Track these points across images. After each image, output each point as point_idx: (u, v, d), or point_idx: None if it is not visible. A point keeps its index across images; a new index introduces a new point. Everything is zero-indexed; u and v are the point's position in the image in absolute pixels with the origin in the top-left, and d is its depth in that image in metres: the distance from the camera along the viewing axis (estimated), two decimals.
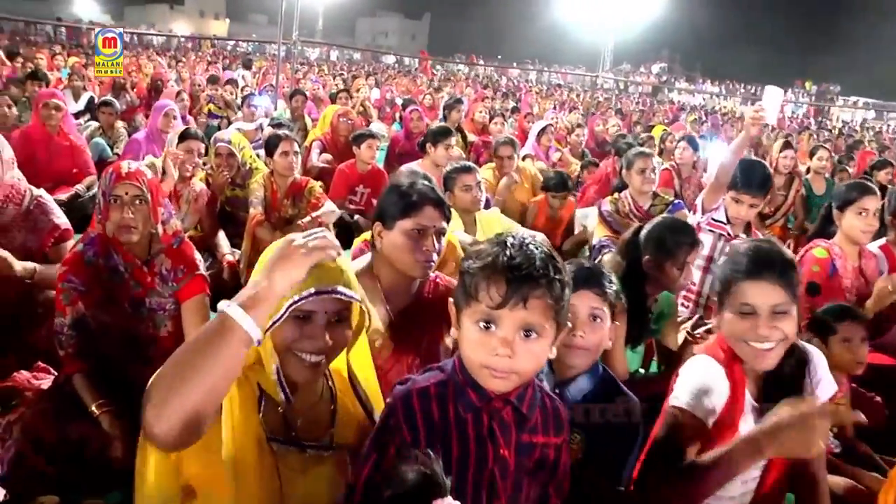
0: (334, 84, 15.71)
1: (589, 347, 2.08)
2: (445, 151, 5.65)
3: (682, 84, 40.26)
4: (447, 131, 5.75)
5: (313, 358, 1.68)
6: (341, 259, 1.66)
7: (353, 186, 6.40)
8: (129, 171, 2.79)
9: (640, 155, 4.77)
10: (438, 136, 5.70)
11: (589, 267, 2.27)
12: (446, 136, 5.66)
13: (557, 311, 1.50)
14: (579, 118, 11.42)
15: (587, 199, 6.42)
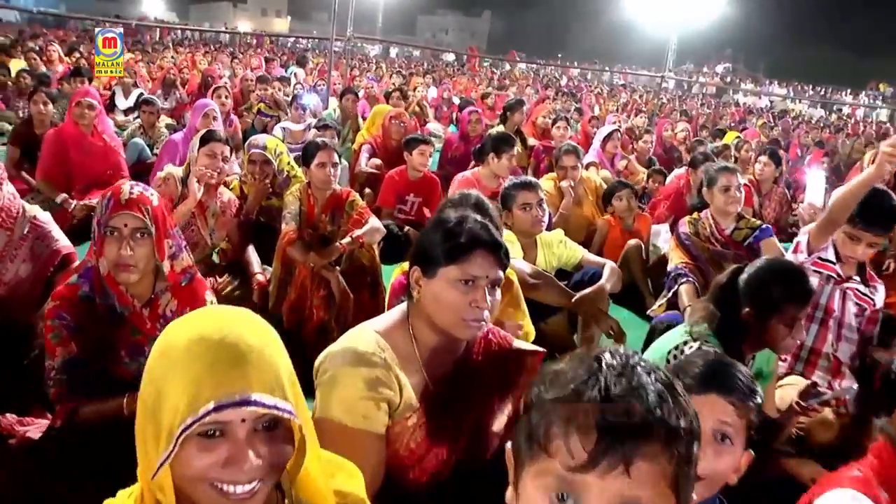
0: (391, 82, 15.27)
1: (708, 476, 1.55)
2: (508, 163, 5.18)
3: (749, 85, 38.99)
4: (509, 140, 5.28)
5: (240, 489, 1.14)
6: (267, 341, 1.18)
7: (403, 195, 5.95)
8: (129, 198, 2.31)
9: (723, 171, 4.20)
10: (501, 144, 5.24)
11: (721, 361, 1.74)
12: (509, 147, 5.20)
13: (679, 478, 0.93)
14: (644, 122, 10.79)
15: (658, 215, 5.86)
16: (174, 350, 1.14)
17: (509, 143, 5.24)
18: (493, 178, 5.30)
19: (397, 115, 6.80)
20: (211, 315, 1.22)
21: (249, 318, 1.21)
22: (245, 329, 1.16)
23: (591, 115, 9.97)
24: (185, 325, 1.19)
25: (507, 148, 5.21)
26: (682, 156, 9.37)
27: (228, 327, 1.15)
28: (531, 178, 3.94)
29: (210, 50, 20.27)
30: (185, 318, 1.22)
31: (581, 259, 3.81)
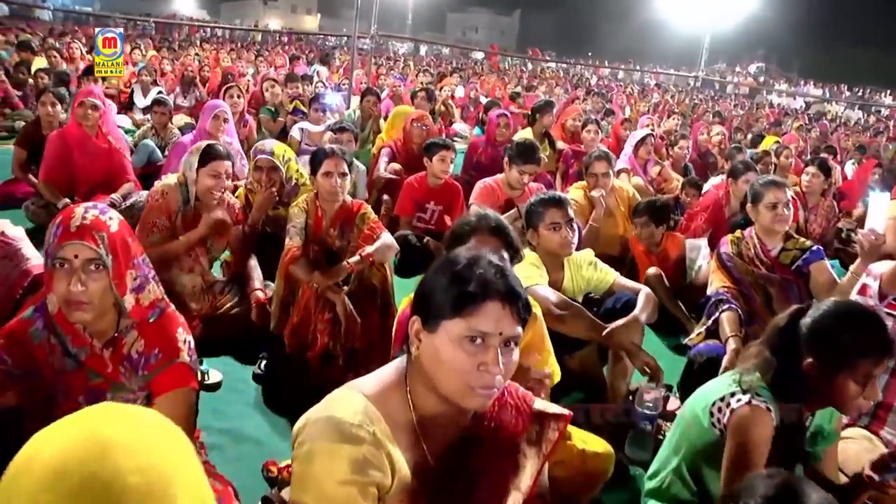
0: (418, 81, 14.90)
1: None
2: (520, 176, 4.89)
3: (783, 86, 38.19)
4: (525, 154, 4.97)
5: None
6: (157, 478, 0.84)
7: (423, 203, 5.63)
8: (81, 225, 1.95)
9: (770, 186, 3.81)
10: (515, 157, 4.99)
11: (790, 486, 1.49)
12: (521, 161, 4.94)
13: None
14: (678, 124, 10.35)
15: (695, 228, 5.46)
16: (24, 478, 0.80)
17: (523, 158, 4.94)
18: (516, 185, 4.98)
19: (419, 117, 6.46)
20: (88, 429, 0.86)
21: (142, 438, 0.87)
22: (128, 459, 0.82)
23: (622, 116, 9.56)
24: (50, 441, 0.84)
25: (519, 162, 4.92)
26: (717, 161, 8.95)
27: (102, 456, 0.81)
28: (560, 193, 3.56)
29: (235, 47, 20.01)
30: (57, 426, 0.87)
31: (613, 284, 3.45)
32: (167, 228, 3.84)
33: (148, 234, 3.79)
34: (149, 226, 3.83)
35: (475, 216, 2.60)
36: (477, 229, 2.51)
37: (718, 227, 5.52)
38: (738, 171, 5.45)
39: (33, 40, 14.59)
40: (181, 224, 3.88)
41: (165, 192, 3.85)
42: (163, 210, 3.84)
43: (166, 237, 3.82)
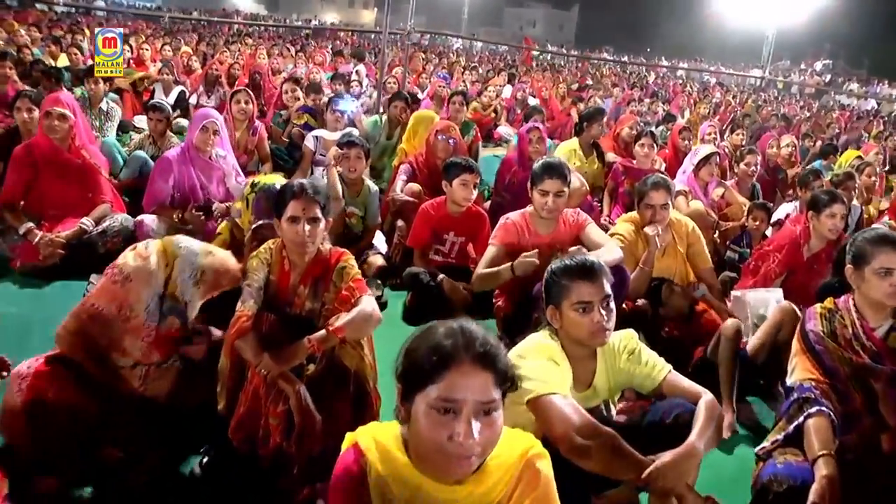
0: (464, 80, 14.04)
1: None
2: (543, 198, 4.10)
3: (853, 85, 36.26)
4: (550, 166, 4.10)
5: None
6: None
7: (441, 233, 4.81)
8: None
9: (883, 245, 2.87)
10: (535, 176, 4.15)
11: None
12: (551, 173, 4.04)
13: None
14: (743, 139, 9.25)
15: (766, 272, 4.52)
16: None
17: (544, 173, 4.09)
18: (549, 222, 4.10)
19: (444, 128, 5.59)
20: None
21: None
22: None
23: (682, 125, 8.56)
24: None
25: (538, 180, 4.11)
26: (787, 177, 7.93)
27: None
28: (594, 260, 2.59)
29: (279, 42, 19.32)
30: None
31: (663, 383, 2.56)
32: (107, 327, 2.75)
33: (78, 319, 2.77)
34: (88, 311, 2.76)
35: (448, 335, 1.69)
36: (453, 357, 1.64)
37: (796, 271, 4.58)
38: (821, 202, 4.49)
39: (65, 36, 14.13)
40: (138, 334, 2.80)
41: (129, 278, 2.77)
42: (116, 298, 2.76)
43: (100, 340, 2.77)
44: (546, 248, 4.06)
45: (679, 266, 4.46)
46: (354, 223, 5.25)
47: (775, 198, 7.58)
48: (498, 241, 4.07)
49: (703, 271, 4.52)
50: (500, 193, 5.84)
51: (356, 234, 5.27)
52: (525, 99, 11.82)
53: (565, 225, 4.19)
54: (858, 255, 2.94)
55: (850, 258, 2.99)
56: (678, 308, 4.20)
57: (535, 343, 2.50)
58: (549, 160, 4.16)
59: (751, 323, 4.21)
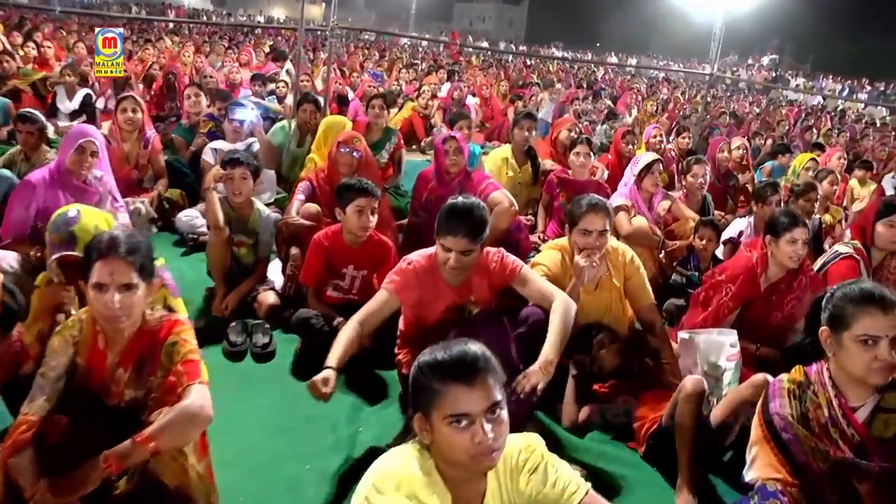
0: (398, 79, 13.23)
1: None
2: (444, 254, 3.23)
3: (800, 80, 36.15)
4: (456, 218, 3.19)
5: None
6: None
7: (338, 267, 4.06)
8: None
9: (866, 303, 2.23)
10: (438, 226, 3.25)
11: None
12: (453, 229, 3.18)
13: None
14: (690, 140, 8.62)
15: (719, 308, 3.87)
16: None
17: (445, 228, 3.19)
18: (447, 273, 3.34)
19: (347, 139, 4.79)
20: None
21: None
22: None
23: (625, 128, 7.91)
24: None
25: (441, 232, 3.23)
26: (738, 184, 7.32)
27: None
28: (472, 349, 1.83)
29: (209, 41, 18.28)
30: None
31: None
32: None
33: None
34: None
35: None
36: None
37: (752, 303, 3.94)
38: (780, 226, 3.85)
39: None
40: None
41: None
42: None
43: None
44: (454, 305, 3.35)
45: (614, 302, 3.77)
46: (244, 254, 4.50)
47: (727, 206, 6.98)
48: (392, 289, 3.28)
49: (643, 308, 3.85)
50: (417, 213, 5.12)
51: (246, 266, 4.52)
52: (462, 99, 11.06)
53: (485, 273, 3.39)
54: (837, 315, 2.28)
55: (826, 317, 2.33)
56: (611, 366, 3.53)
57: (397, 468, 1.78)
58: (454, 203, 3.24)
59: (700, 371, 3.55)
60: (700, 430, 3.01)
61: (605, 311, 3.72)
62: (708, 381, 3.49)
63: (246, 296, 4.40)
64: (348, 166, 4.71)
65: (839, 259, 4.38)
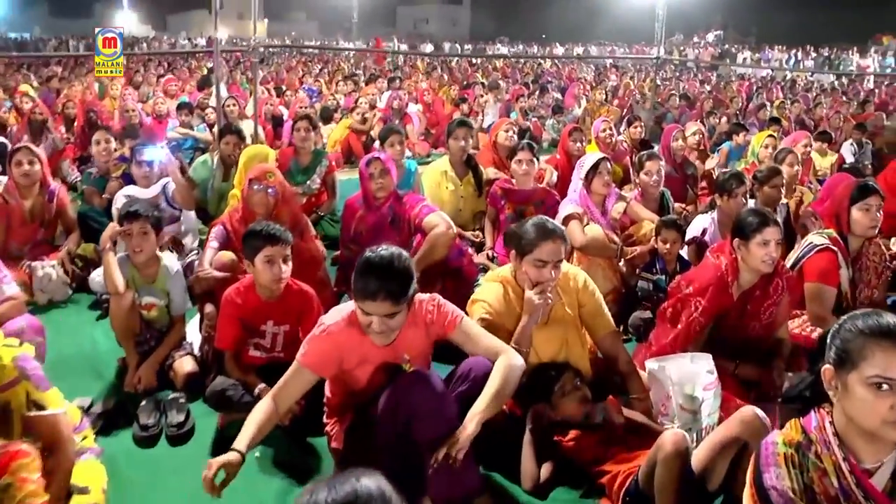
0: (333, 95, 12.66)
1: None
2: (365, 318, 2.70)
3: (747, 53, 36.10)
4: (373, 289, 2.63)
5: None
6: None
7: (256, 324, 3.55)
8: None
9: (882, 338, 1.76)
10: (354, 287, 2.72)
11: None
12: (371, 297, 2.65)
13: None
14: (643, 130, 8.22)
15: (690, 325, 3.43)
16: None
17: (361, 292, 2.66)
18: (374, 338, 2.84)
19: (259, 175, 4.23)
20: None
21: None
22: None
23: (572, 125, 7.48)
24: None
25: (358, 296, 2.71)
26: (697, 172, 6.91)
27: None
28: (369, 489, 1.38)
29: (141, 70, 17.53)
30: None
31: None
32: None
33: None
34: None
35: None
36: None
37: (725, 314, 3.50)
38: (749, 226, 3.41)
39: None
40: None
41: None
42: None
43: None
44: (386, 365, 2.87)
45: (570, 335, 3.29)
46: (155, 316, 3.96)
47: (688, 197, 6.56)
48: (305, 363, 2.76)
49: (603, 339, 3.36)
50: (347, 245, 4.61)
51: (160, 329, 3.99)
52: (402, 108, 10.55)
53: (420, 325, 2.89)
54: (844, 351, 1.81)
55: (831, 353, 1.86)
56: (576, 414, 3.06)
57: None
58: (368, 259, 2.68)
59: (675, 405, 3.10)
60: (685, 487, 2.54)
61: (559, 348, 3.24)
62: (684, 416, 3.06)
63: (161, 364, 3.87)
64: (263, 205, 4.18)
65: (815, 252, 3.97)
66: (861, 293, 4.07)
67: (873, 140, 10.69)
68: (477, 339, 2.86)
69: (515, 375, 2.75)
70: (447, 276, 4.27)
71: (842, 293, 3.97)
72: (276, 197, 4.21)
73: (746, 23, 55.02)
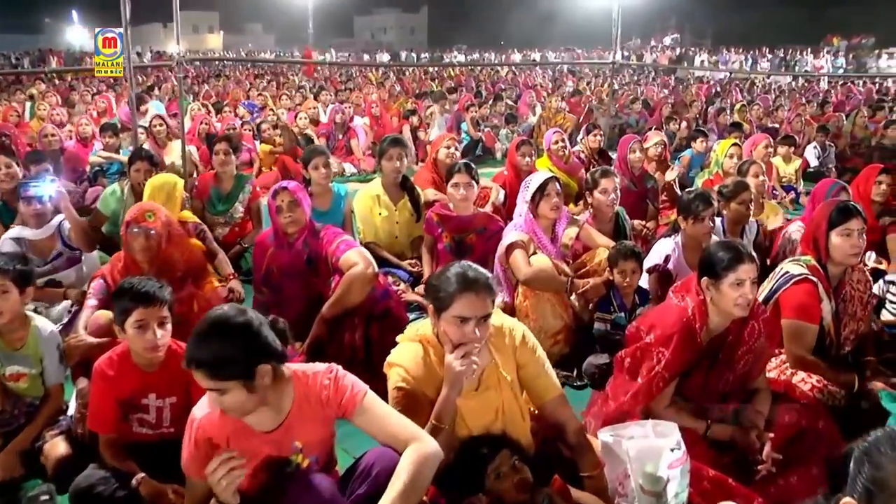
0: (272, 109, 11.88)
1: None
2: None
3: (704, 55, 35.92)
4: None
5: None
6: None
7: (136, 399, 2.94)
8: None
9: None
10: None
11: None
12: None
13: None
14: (602, 139, 7.67)
15: (651, 382, 2.89)
16: None
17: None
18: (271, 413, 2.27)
19: (136, 216, 3.56)
20: None
21: None
22: None
23: (520, 137, 6.94)
24: None
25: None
26: (657, 185, 6.39)
27: None
28: None
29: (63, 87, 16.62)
30: None
31: None
32: None
33: None
34: None
35: None
36: None
37: (692, 371, 2.97)
38: (720, 264, 2.87)
39: None
40: None
41: None
42: None
43: None
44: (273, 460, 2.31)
45: (507, 403, 2.68)
46: (25, 388, 3.29)
47: (648, 212, 6.05)
48: (186, 470, 2.24)
49: (547, 405, 2.75)
50: (260, 289, 4.01)
51: (32, 403, 3.34)
52: (345, 122, 9.94)
53: (316, 405, 2.35)
54: (876, 484, 1.26)
55: (857, 486, 1.32)
56: (517, 500, 2.47)
57: None
58: (204, 317, 2.23)
59: (634, 486, 2.54)
60: None
61: (493, 418, 2.65)
62: (646, 499, 2.51)
63: (31, 446, 3.21)
64: (144, 251, 3.56)
65: (792, 284, 3.44)
66: (846, 327, 3.54)
67: (836, 142, 10.37)
68: (382, 422, 2.30)
69: (429, 469, 2.18)
70: (372, 322, 3.67)
71: (824, 329, 3.44)
72: (159, 240, 3.59)
73: (702, 25, 55.43)
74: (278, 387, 2.29)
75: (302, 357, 3.68)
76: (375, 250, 5.08)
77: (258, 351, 2.17)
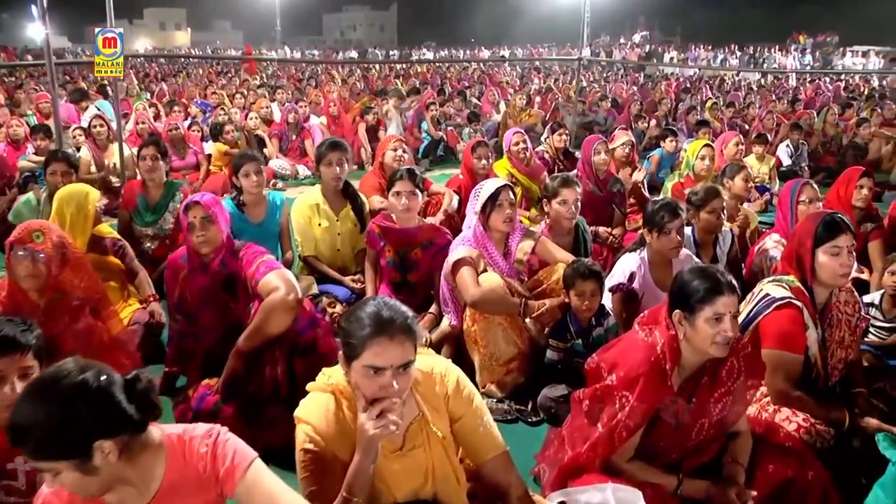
0: (223, 108, 11.31)
1: None
2: None
3: (673, 53, 35.81)
4: None
5: None
6: None
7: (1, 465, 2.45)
8: None
9: None
10: None
11: None
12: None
13: None
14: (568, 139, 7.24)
15: (613, 433, 2.46)
16: None
17: None
18: None
19: (23, 236, 3.02)
20: None
21: None
22: None
23: (476, 138, 6.49)
24: None
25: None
26: (624, 188, 5.96)
27: None
28: None
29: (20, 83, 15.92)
30: None
31: None
32: None
33: None
34: None
35: None
36: None
37: (661, 424, 2.52)
38: (695, 295, 2.43)
39: None
40: None
41: None
42: None
43: None
44: None
45: (438, 463, 2.21)
46: None
47: (614, 218, 5.63)
48: None
49: (487, 464, 2.28)
50: (174, 316, 3.52)
51: None
52: (298, 122, 9.44)
53: (192, 482, 1.89)
54: None
55: None
56: None
57: None
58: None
59: None
60: None
61: (423, 482, 2.19)
62: None
63: None
64: (31, 277, 3.06)
65: (774, 309, 3.00)
66: (833, 356, 3.11)
67: (809, 140, 10.07)
68: (269, 499, 1.84)
69: None
70: (296, 355, 3.20)
71: (809, 360, 3.01)
72: (49, 264, 3.09)
73: (671, 22, 55.64)
74: (140, 460, 1.82)
75: (216, 396, 3.22)
76: (315, 265, 4.64)
77: (94, 424, 1.68)
